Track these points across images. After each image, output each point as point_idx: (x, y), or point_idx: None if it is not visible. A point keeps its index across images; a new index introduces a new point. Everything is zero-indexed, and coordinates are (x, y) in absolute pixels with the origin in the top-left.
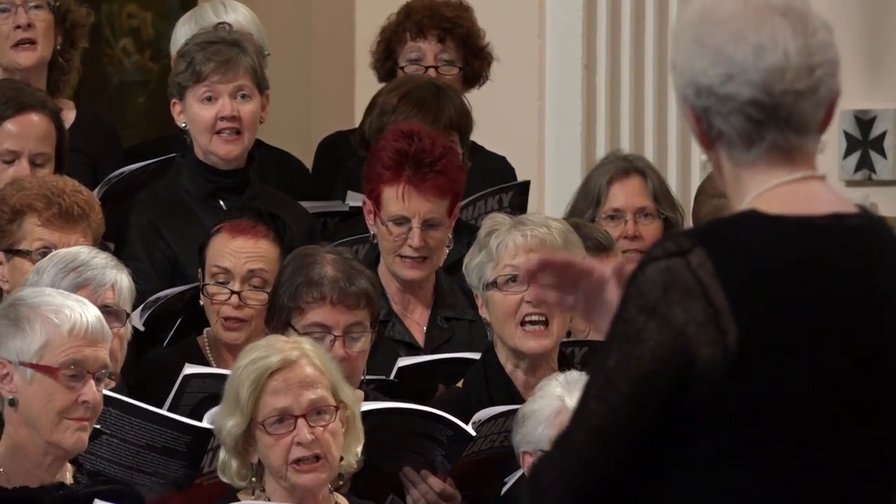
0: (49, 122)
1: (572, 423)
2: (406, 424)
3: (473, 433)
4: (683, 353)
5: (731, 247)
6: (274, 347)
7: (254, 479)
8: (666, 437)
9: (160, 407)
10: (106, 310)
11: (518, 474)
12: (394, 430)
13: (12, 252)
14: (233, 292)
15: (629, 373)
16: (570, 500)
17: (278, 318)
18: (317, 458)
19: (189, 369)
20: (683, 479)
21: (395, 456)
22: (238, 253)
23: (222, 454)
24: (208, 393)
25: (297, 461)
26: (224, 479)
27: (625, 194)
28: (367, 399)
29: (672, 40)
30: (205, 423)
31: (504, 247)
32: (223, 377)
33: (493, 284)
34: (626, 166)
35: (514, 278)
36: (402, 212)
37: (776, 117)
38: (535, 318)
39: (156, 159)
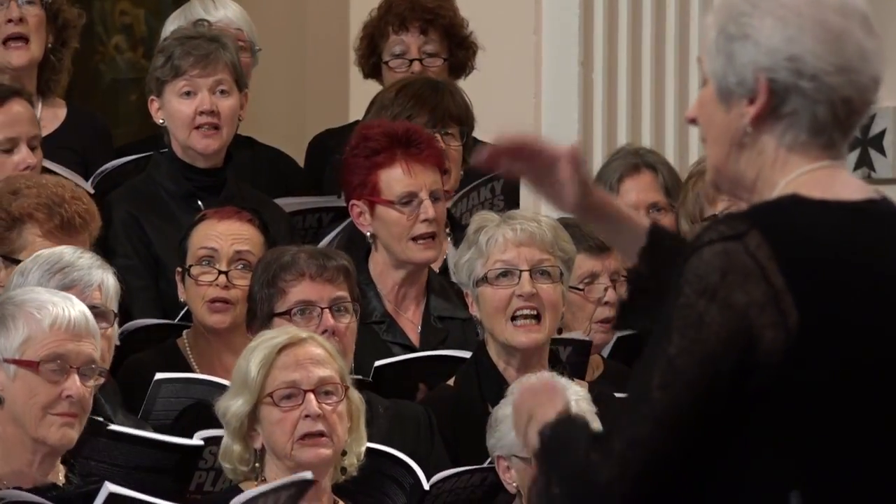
0: (31, 107)
1: (633, 413)
2: (374, 463)
3: (427, 487)
4: (747, 336)
5: (785, 230)
6: (283, 330)
7: (257, 464)
8: (723, 425)
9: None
10: (93, 311)
11: None
12: (364, 466)
13: (11, 260)
14: (220, 272)
15: (693, 358)
16: (639, 494)
17: (261, 311)
18: (322, 434)
19: (159, 375)
20: (740, 466)
21: (368, 493)
22: (225, 235)
23: (225, 439)
24: (192, 399)
25: (304, 436)
26: (226, 466)
27: (636, 190)
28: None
29: (739, 7)
30: (195, 440)
31: (493, 242)
32: (194, 381)
33: (484, 280)
34: (637, 161)
35: (504, 273)
36: (409, 188)
37: (849, 122)
38: (526, 311)
39: (148, 154)
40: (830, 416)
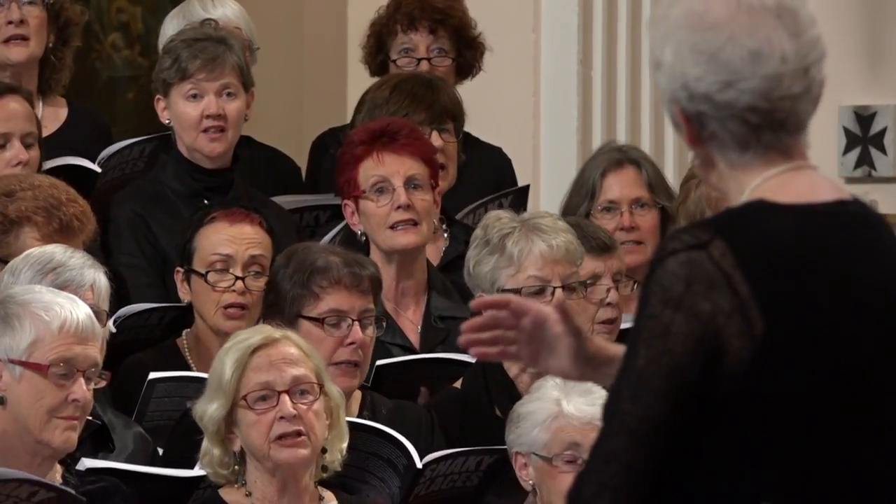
0: (28, 105)
1: (607, 429)
2: (370, 445)
3: (420, 465)
4: (714, 344)
5: (749, 237)
6: (256, 330)
7: (237, 467)
8: (693, 435)
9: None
10: None
11: None
12: (359, 449)
13: (6, 263)
14: (237, 278)
15: (660, 368)
16: None
17: (289, 310)
18: (299, 434)
19: (153, 374)
20: (710, 476)
21: (364, 479)
22: (238, 239)
23: (204, 443)
24: (186, 398)
25: (280, 437)
26: (207, 470)
27: (619, 185)
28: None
29: (655, 37)
30: (197, 471)
31: (527, 254)
32: (189, 379)
33: (515, 294)
34: (620, 157)
35: (541, 290)
36: (381, 173)
37: (772, 121)
38: None
39: (152, 136)
40: (799, 425)
